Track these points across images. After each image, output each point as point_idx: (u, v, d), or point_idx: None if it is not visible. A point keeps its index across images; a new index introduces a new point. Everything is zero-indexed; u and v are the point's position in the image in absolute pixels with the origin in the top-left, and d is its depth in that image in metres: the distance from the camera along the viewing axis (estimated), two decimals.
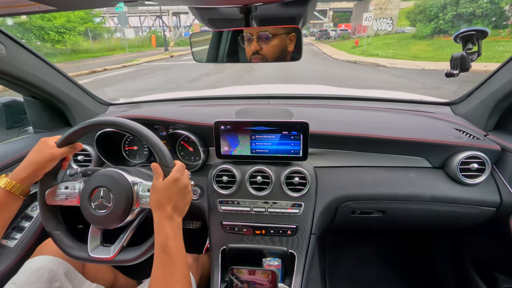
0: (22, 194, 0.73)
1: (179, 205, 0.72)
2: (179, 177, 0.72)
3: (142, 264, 0.79)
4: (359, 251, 1.68)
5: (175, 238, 0.68)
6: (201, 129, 1.10)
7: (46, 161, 0.75)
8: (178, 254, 0.67)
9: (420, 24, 21.07)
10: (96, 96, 1.45)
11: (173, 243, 0.67)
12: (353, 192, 1.06)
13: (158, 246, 0.67)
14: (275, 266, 1.01)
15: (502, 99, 1.06)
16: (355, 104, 1.42)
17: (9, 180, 0.71)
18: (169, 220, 0.69)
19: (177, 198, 0.71)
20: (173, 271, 0.65)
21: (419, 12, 21.28)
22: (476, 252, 1.30)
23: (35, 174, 0.74)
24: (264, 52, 0.77)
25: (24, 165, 0.73)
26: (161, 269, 0.65)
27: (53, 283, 0.83)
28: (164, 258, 0.65)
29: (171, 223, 0.69)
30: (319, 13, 48.16)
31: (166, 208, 0.69)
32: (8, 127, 1.38)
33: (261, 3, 0.71)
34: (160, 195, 0.69)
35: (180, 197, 0.72)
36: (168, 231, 0.67)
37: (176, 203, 0.71)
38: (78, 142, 0.83)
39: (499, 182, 1.02)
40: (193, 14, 0.86)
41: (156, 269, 0.65)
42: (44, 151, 0.75)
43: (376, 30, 16.08)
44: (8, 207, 0.72)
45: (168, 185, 0.70)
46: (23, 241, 1.04)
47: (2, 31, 0.95)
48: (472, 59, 1.05)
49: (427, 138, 1.04)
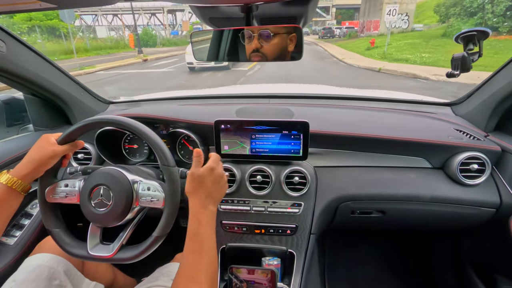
0: (23, 190, 0.73)
1: (214, 194, 0.74)
2: (214, 167, 0.75)
3: (142, 262, 0.79)
4: (358, 251, 1.68)
5: (207, 226, 0.69)
6: (202, 128, 1.10)
7: (47, 158, 0.75)
8: (208, 242, 0.68)
9: (456, 19, 16.93)
10: (97, 94, 1.45)
11: (205, 230, 0.68)
12: (352, 192, 1.06)
13: (190, 232, 0.68)
14: (274, 265, 1.01)
15: (503, 100, 1.06)
16: (356, 104, 1.42)
17: (11, 176, 0.71)
18: (203, 208, 0.71)
19: (212, 187, 0.73)
20: (202, 258, 0.66)
21: (452, 5, 17.53)
22: (475, 253, 1.30)
23: (36, 171, 0.75)
24: (265, 50, 0.77)
25: (26, 162, 0.73)
26: (189, 254, 0.66)
27: (52, 281, 0.83)
28: (194, 245, 0.67)
29: (204, 211, 0.71)
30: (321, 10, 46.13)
31: (201, 196, 0.72)
32: (9, 124, 1.38)
33: (262, 2, 0.71)
34: (196, 183, 0.72)
35: (215, 186, 0.74)
36: (201, 218, 0.69)
37: (211, 192, 0.73)
38: (79, 140, 0.83)
39: (499, 183, 1.02)
40: (194, 12, 0.86)
41: (185, 254, 0.67)
42: (46, 148, 0.75)
43: (389, 28, 13.83)
44: (9, 204, 0.72)
45: (204, 174, 0.73)
46: (23, 239, 1.04)
47: (2, 29, 0.95)
48: (473, 60, 1.05)
49: (427, 139, 1.04)
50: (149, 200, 0.77)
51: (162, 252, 1.02)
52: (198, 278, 0.63)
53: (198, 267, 0.64)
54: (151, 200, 0.76)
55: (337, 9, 48.72)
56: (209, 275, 0.64)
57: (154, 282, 0.90)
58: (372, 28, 22.14)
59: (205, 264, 0.65)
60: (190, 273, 0.64)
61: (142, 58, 16.36)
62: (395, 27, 22.28)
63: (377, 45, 16.27)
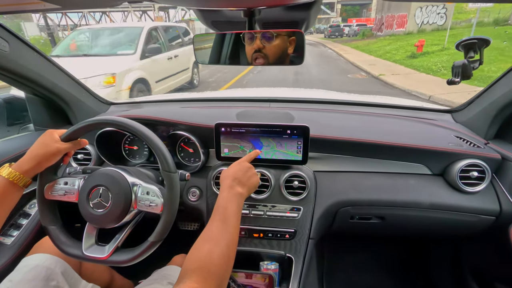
0: (24, 185, 0.73)
1: (241, 179, 0.81)
2: (243, 160, 0.89)
3: (139, 265, 0.79)
4: (357, 257, 1.67)
5: (231, 202, 0.74)
6: (202, 130, 1.10)
7: (50, 155, 0.75)
8: (231, 216, 0.71)
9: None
10: (98, 95, 1.45)
11: (229, 205, 0.73)
12: (352, 197, 1.05)
13: (216, 206, 0.73)
14: (272, 270, 1.00)
15: (504, 108, 1.06)
16: (357, 109, 1.42)
17: (13, 170, 0.71)
18: (229, 188, 0.78)
19: (240, 174, 0.81)
20: (225, 226, 0.68)
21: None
22: (474, 261, 1.30)
23: (38, 167, 0.75)
24: (267, 50, 0.78)
25: (29, 157, 0.73)
26: (213, 222, 0.69)
27: (49, 282, 0.83)
28: (219, 215, 0.70)
29: (230, 190, 0.77)
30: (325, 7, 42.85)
31: (228, 181, 0.79)
32: (9, 123, 1.39)
33: (264, 7, 0.72)
34: (226, 173, 0.82)
35: (242, 172, 0.82)
36: (225, 196, 0.75)
37: (239, 178, 0.80)
38: (83, 139, 0.83)
39: (498, 191, 1.02)
40: (196, 16, 0.87)
41: (209, 223, 0.69)
42: (50, 144, 0.75)
43: (419, 25, 11.45)
44: (10, 197, 0.72)
45: (232, 166, 0.85)
46: (20, 238, 1.04)
47: (6, 28, 0.96)
48: (474, 67, 1.05)
49: (428, 145, 1.04)
50: (148, 204, 0.76)
51: (160, 254, 1.01)
52: (217, 239, 0.64)
53: (219, 232, 0.67)
54: (149, 205, 0.76)
55: (342, 5, 45.85)
56: (229, 241, 0.66)
57: (151, 285, 0.89)
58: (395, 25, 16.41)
59: (227, 232, 0.67)
60: (211, 234, 0.66)
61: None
62: (427, 23, 17.97)
63: (427, 50, 11.30)
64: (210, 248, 0.62)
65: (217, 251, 0.61)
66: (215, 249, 0.61)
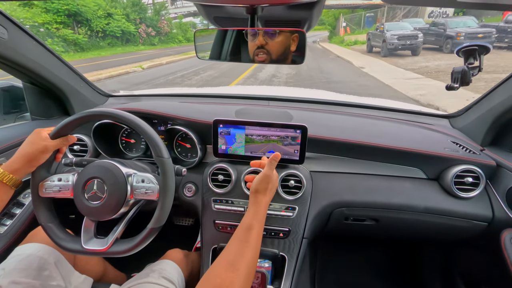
0: (13, 185, 0.73)
1: (263, 188, 0.80)
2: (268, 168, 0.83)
3: (133, 258, 0.79)
4: (350, 257, 1.69)
5: (260, 223, 0.74)
6: (200, 126, 1.10)
7: (38, 153, 0.74)
8: (256, 237, 0.71)
9: None
10: (96, 87, 1.44)
11: (257, 225, 0.72)
12: (347, 198, 1.06)
13: (243, 223, 0.73)
14: (265, 268, 1.00)
15: (501, 115, 1.06)
16: (355, 111, 1.42)
17: (2, 170, 0.70)
18: (264, 205, 0.78)
19: (262, 185, 0.80)
20: (247, 248, 0.67)
21: None
22: (465, 265, 1.31)
23: (28, 166, 0.74)
24: (269, 47, 0.78)
25: (17, 156, 0.73)
26: (236, 242, 0.69)
27: (42, 271, 0.83)
28: (244, 235, 0.70)
29: (255, 202, 0.78)
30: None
31: (252, 197, 0.80)
32: (6, 112, 1.37)
33: (267, 4, 0.72)
34: (250, 190, 0.82)
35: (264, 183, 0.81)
36: (251, 212, 0.75)
37: (261, 189, 0.80)
38: (72, 135, 0.83)
39: (492, 197, 1.03)
40: (199, 11, 0.86)
41: (232, 241, 0.69)
42: (37, 143, 0.74)
43: None
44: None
45: (274, 178, 0.85)
46: (14, 228, 1.04)
47: (5, 15, 0.95)
48: (473, 74, 1.05)
49: (424, 149, 1.05)
50: (144, 192, 0.76)
51: (154, 249, 1.02)
52: (238, 265, 0.63)
53: (241, 256, 0.65)
54: (145, 192, 0.76)
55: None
56: (250, 267, 0.65)
57: (144, 278, 0.90)
58: None
59: (248, 256, 0.66)
60: (232, 259, 0.64)
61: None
62: None
63: None
64: (231, 278, 0.60)
65: (238, 283, 0.60)
66: (236, 280, 0.60)
